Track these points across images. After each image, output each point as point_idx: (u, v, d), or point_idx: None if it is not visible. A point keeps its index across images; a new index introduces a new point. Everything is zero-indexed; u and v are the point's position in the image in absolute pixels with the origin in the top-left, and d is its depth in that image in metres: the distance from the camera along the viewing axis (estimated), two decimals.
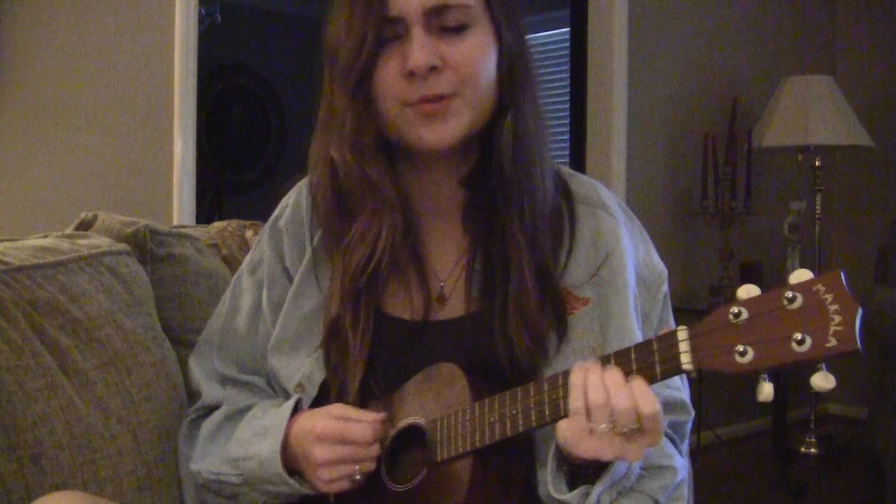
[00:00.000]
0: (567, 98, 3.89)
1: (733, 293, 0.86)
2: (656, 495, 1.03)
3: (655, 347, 0.89)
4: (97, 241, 1.35)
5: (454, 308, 1.12)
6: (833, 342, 0.79)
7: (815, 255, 3.83)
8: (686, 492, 1.09)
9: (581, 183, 1.17)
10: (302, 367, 1.14)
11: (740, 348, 0.83)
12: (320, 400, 1.13)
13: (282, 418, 1.09)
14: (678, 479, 1.07)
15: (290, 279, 1.19)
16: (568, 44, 4.03)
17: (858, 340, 0.78)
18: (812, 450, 3.70)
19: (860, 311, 0.79)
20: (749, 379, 0.85)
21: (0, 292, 1.16)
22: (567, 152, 3.92)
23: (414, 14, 1.03)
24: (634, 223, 1.17)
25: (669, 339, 0.88)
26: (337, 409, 1.06)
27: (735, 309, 0.84)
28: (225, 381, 1.23)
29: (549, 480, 0.97)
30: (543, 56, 5.04)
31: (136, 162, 2.53)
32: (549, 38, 5.04)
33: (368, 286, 1.10)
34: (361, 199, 1.09)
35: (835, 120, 3.65)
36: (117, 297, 1.28)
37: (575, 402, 0.91)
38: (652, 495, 1.03)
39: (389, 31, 1.04)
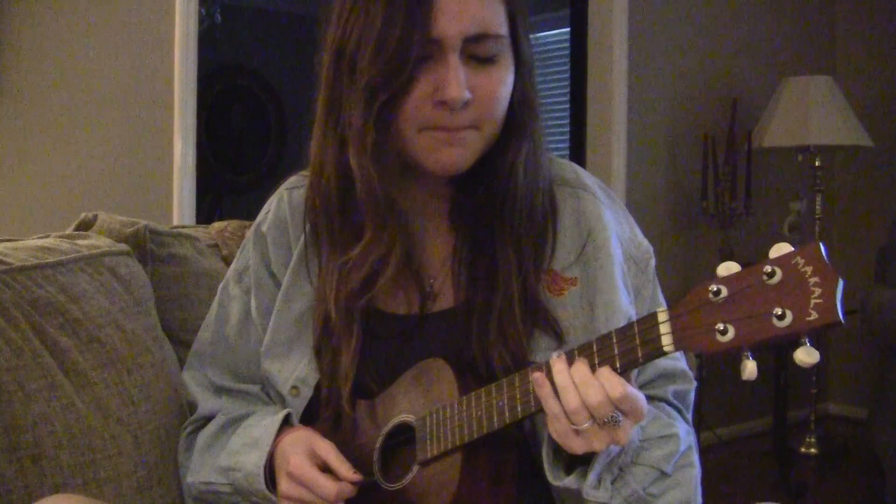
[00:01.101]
0: (567, 98, 3.90)
1: None
2: (661, 465, 1.03)
3: (636, 330, 0.88)
4: (97, 242, 1.35)
5: (444, 300, 1.12)
6: (814, 315, 0.78)
7: None
8: (695, 458, 1.09)
9: (560, 167, 1.16)
10: (296, 370, 1.14)
11: (720, 326, 0.82)
12: (315, 401, 1.13)
13: (270, 432, 1.09)
14: (682, 446, 1.06)
15: (278, 284, 1.19)
16: (568, 44, 4.03)
17: (840, 312, 0.77)
18: (812, 450, 3.70)
19: (841, 281, 0.78)
20: (732, 357, 0.83)
21: (0, 293, 1.16)
22: (567, 153, 3.92)
23: (454, 39, 0.98)
24: (616, 203, 1.17)
25: (649, 322, 0.88)
26: (319, 447, 1.06)
27: (714, 287, 0.83)
28: (220, 391, 1.23)
29: (546, 468, 0.98)
30: (543, 56, 5.03)
31: (136, 162, 2.53)
32: (550, 39, 5.04)
33: (363, 291, 1.09)
34: (374, 214, 1.06)
35: (835, 120, 3.65)
36: (117, 298, 1.28)
37: (551, 408, 0.91)
38: (656, 466, 1.02)
39: (417, 48, 0.98)
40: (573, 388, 0.90)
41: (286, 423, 1.12)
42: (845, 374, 4.34)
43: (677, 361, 1.13)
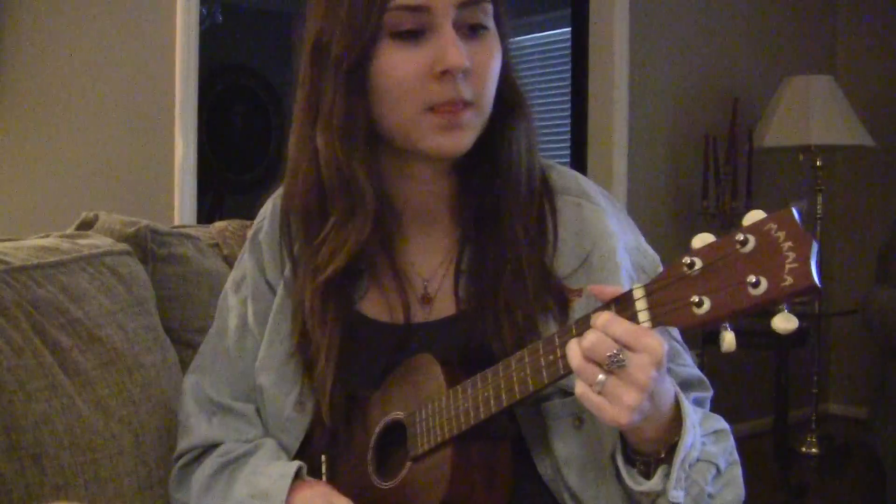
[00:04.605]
0: (568, 98, 3.90)
1: None
2: (717, 461, 1.00)
3: (613, 310, 0.87)
4: (98, 241, 1.35)
5: (442, 308, 1.10)
6: (789, 280, 0.76)
7: None
8: (737, 455, 1.07)
9: (561, 174, 1.13)
10: (295, 388, 1.11)
11: (696, 299, 0.80)
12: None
13: (282, 487, 1.04)
14: (732, 442, 1.05)
15: (274, 292, 1.16)
16: (569, 44, 4.03)
17: (815, 275, 0.75)
18: (812, 450, 3.69)
19: (815, 244, 0.76)
20: (710, 330, 0.82)
21: (1, 292, 1.16)
22: (568, 153, 3.92)
23: (444, 6, 0.96)
24: (620, 211, 1.15)
25: (626, 300, 0.86)
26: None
27: (688, 259, 0.81)
28: (214, 411, 1.17)
29: (625, 475, 0.95)
30: (544, 56, 5.04)
31: (137, 162, 2.53)
32: (550, 38, 5.04)
33: (338, 288, 1.07)
34: (338, 196, 1.04)
35: (835, 120, 3.65)
36: (118, 297, 1.28)
37: (578, 388, 0.88)
38: (714, 461, 1.00)
39: (406, 21, 0.97)
40: (576, 346, 0.87)
41: (297, 475, 1.07)
42: (846, 374, 4.33)
43: (694, 369, 1.11)
